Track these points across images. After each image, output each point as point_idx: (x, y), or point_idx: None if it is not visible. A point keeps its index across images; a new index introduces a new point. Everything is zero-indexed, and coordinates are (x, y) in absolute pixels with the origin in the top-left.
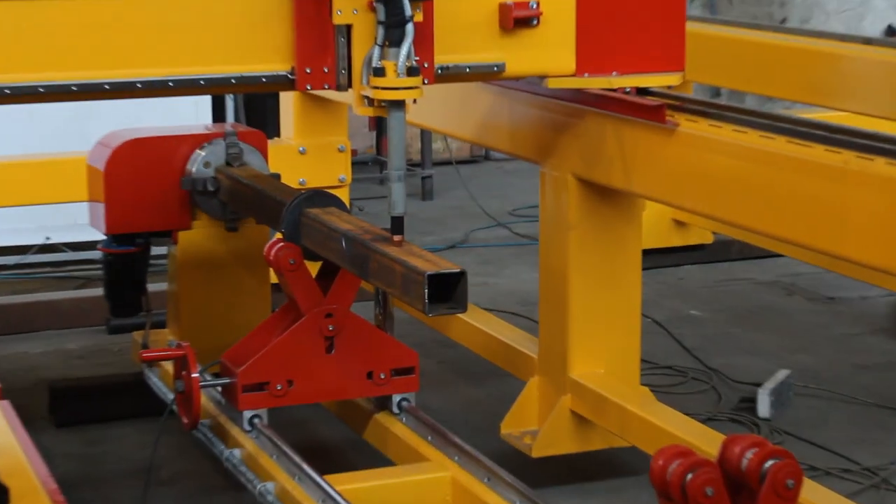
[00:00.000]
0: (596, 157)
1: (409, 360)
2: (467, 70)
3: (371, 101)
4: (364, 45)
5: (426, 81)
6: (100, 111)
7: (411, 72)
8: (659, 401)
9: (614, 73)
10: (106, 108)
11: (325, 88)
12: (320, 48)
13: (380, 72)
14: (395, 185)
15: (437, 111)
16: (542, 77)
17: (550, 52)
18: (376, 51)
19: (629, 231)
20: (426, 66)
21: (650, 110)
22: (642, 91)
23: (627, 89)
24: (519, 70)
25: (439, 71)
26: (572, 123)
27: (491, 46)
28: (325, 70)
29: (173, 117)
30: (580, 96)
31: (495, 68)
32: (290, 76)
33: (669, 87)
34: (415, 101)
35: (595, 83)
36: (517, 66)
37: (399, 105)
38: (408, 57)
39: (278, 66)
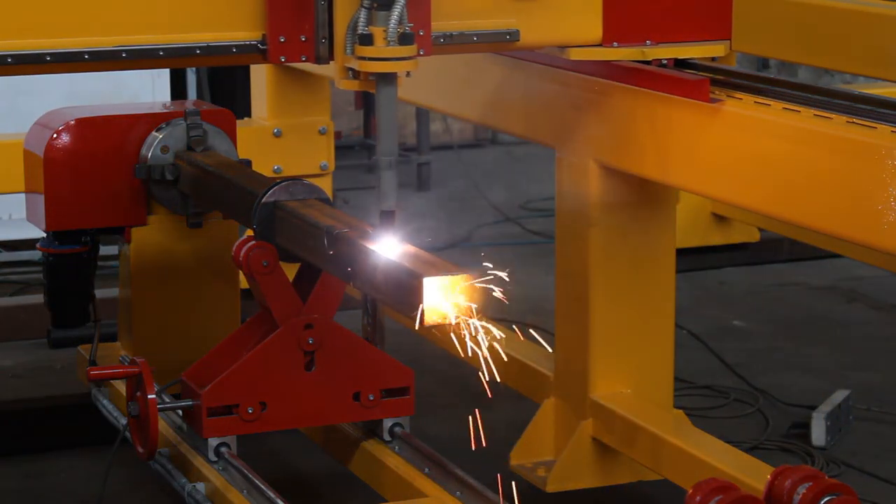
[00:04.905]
0: (624, 141)
1: (403, 379)
2: (475, 39)
3: (356, 74)
4: (348, 8)
5: (422, 52)
6: (38, 86)
7: (404, 39)
8: (696, 426)
9: (648, 42)
10: (46, 83)
11: (302, 60)
12: (297, 13)
13: (366, 39)
14: (385, 174)
15: (436, 86)
16: (563, 47)
17: (572, 17)
18: (362, 14)
19: (661, 228)
20: (421, 33)
21: (690, 86)
22: (681, 63)
23: (663, 61)
24: (535, 39)
25: (442, 40)
26: (596, 101)
27: (502, 10)
28: (303, 38)
29: (126, 94)
30: (607, 70)
31: (507, 37)
32: (260, 46)
33: (713, 59)
34: (408, 74)
35: (625, 54)
36: (533, 33)
37: (389, 79)
38: (400, 22)
39: (247, 33)
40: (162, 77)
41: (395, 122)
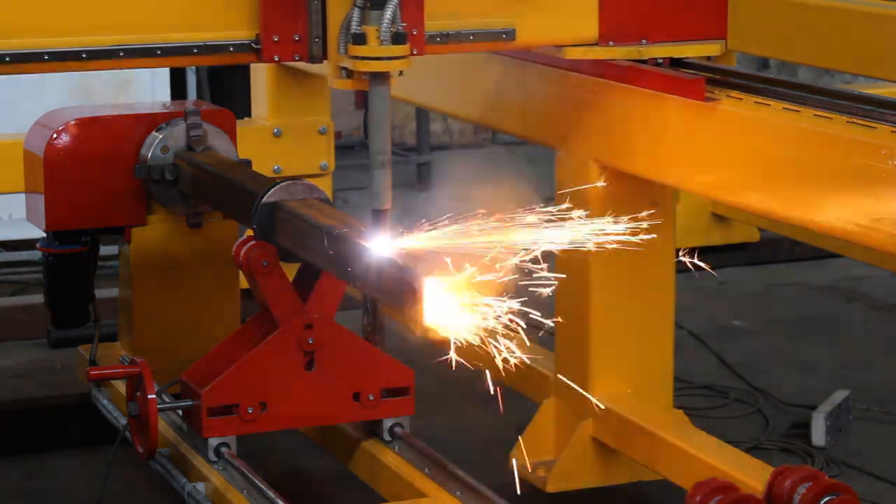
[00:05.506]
0: (622, 141)
1: (403, 379)
2: (471, 38)
3: (350, 73)
4: (341, 7)
5: (415, 51)
6: (38, 86)
7: (397, 38)
8: (695, 426)
9: (644, 41)
10: (46, 83)
11: (295, 59)
12: (290, 12)
13: (359, 39)
14: (377, 173)
15: (435, 86)
16: (560, 46)
17: (568, 16)
18: (355, 14)
19: (661, 227)
20: (415, 32)
21: (686, 85)
22: (677, 63)
23: (659, 60)
24: (532, 38)
25: (438, 38)
26: (594, 101)
27: (498, 10)
28: (296, 38)
29: (125, 93)
30: (604, 69)
31: (504, 36)
32: (254, 45)
33: (709, 58)
34: (401, 73)
35: (621, 53)
36: (530, 33)
37: (382, 78)
38: (392, 21)
39: (241, 33)
40: (162, 77)
41: (388, 121)
